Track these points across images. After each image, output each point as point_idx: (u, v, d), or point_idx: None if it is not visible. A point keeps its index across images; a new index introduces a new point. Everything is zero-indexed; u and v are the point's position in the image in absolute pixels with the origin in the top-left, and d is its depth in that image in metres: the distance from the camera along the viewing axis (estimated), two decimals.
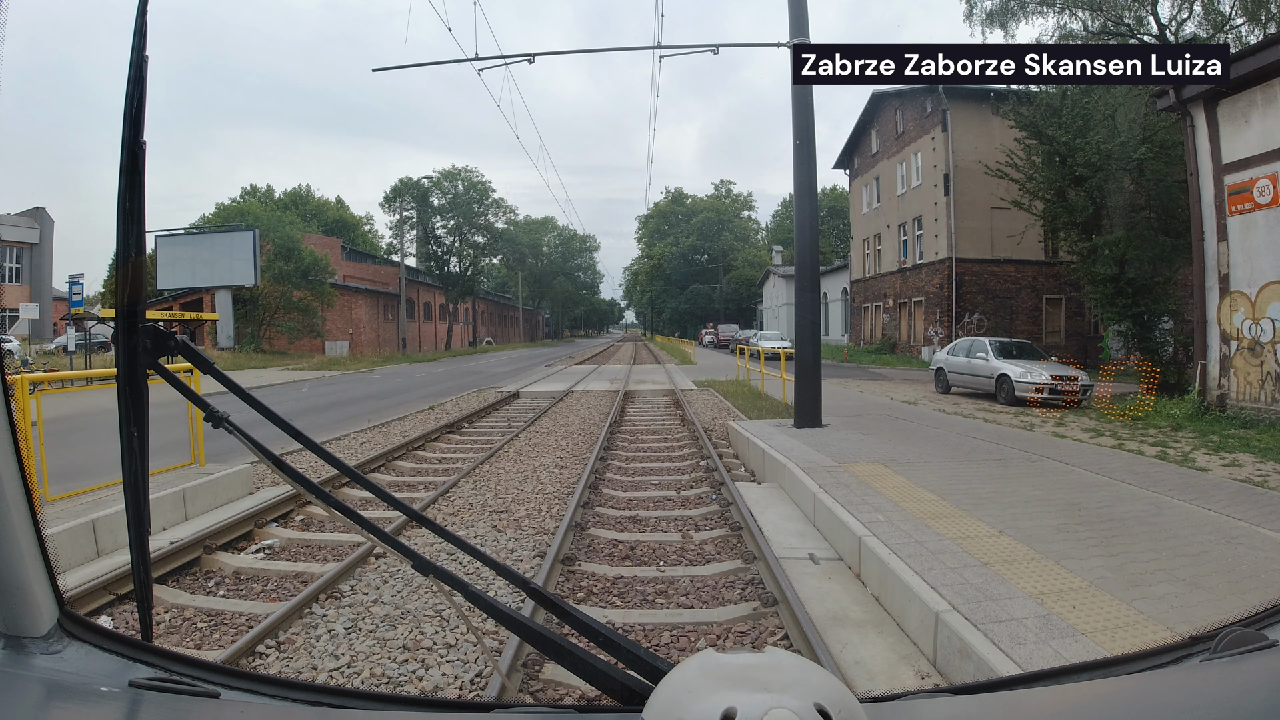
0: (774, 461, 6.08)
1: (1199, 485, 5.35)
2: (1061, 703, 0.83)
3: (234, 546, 4.81)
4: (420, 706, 1.11)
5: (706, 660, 0.62)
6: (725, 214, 75.90)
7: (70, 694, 0.73)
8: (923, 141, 27.71)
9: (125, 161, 0.72)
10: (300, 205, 66.71)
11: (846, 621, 3.16)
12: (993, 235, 26.23)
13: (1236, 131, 9.87)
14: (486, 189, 43.17)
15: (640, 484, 6.39)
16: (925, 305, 27.44)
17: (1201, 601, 2.93)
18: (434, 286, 47.27)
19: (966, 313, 25.83)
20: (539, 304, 79.25)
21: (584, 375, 20.52)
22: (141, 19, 0.72)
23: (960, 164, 26.06)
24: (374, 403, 13.93)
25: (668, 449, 8.15)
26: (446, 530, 0.94)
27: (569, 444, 8.49)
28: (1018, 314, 26.50)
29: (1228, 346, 9.90)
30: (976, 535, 3.75)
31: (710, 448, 7.63)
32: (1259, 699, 0.73)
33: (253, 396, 0.86)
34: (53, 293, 41.40)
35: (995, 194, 26.16)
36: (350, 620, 3.34)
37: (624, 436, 9.10)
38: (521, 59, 8.50)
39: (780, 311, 45.11)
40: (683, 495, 5.90)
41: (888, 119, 31.02)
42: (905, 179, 29.34)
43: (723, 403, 12.40)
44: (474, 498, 5.79)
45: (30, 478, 0.75)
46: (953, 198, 25.83)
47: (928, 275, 27.31)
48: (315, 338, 34.73)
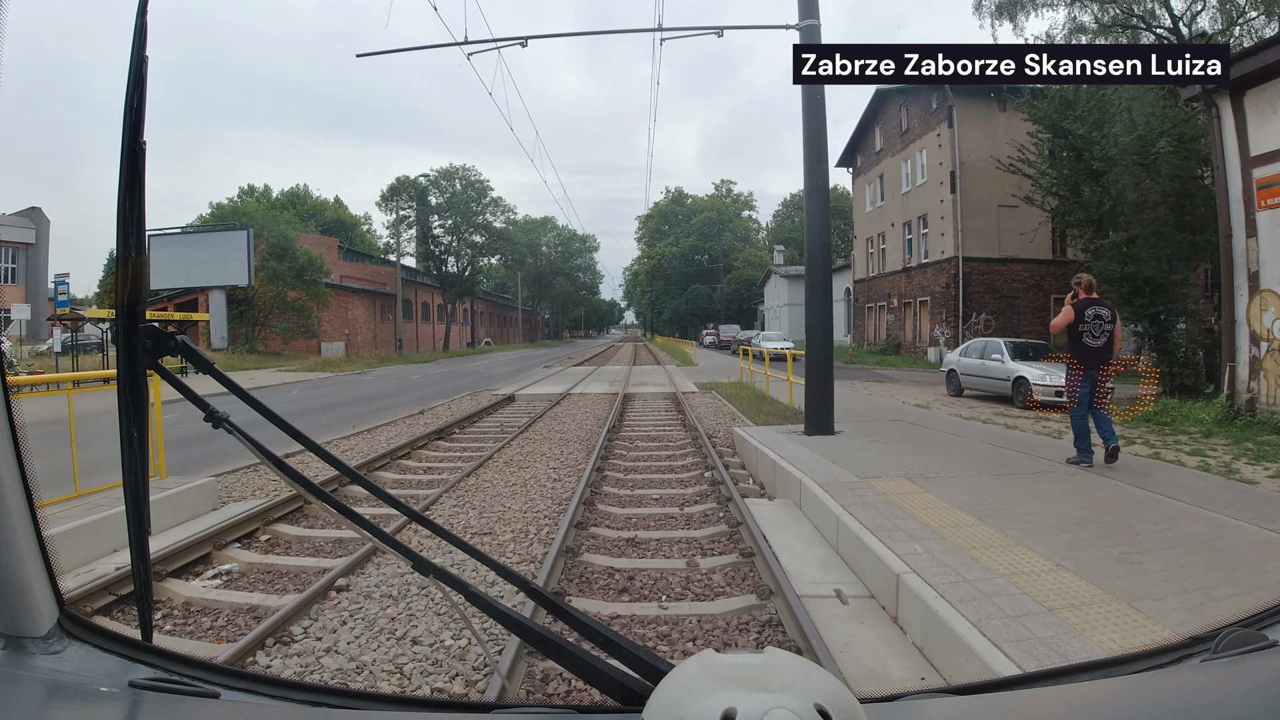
0: (787, 475, 5.57)
1: (1251, 501, 4.85)
2: (1061, 703, 0.82)
3: (189, 571, 4.33)
4: (420, 707, 1.09)
5: (706, 660, 0.62)
6: (726, 214, 75.40)
7: (70, 694, 0.72)
8: (928, 138, 27.20)
9: (125, 162, 0.72)
10: (298, 205, 66.30)
11: (888, 681, 2.65)
12: (1000, 234, 25.73)
13: (1264, 122, 9.36)
14: (484, 187, 42.61)
15: (640, 498, 5.88)
16: (931, 305, 26.91)
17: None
18: (432, 287, 46.75)
19: (973, 313, 25.32)
20: (538, 304, 78.65)
21: (583, 377, 20.00)
22: (141, 19, 0.72)
23: (966, 161, 25.56)
24: (364, 406, 13.41)
25: (669, 458, 7.64)
26: (446, 530, 0.94)
27: (563, 452, 7.97)
28: (1024, 314, 25.98)
29: (1257, 348, 9.39)
30: (1031, 570, 3.23)
31: (715, 457, 7.12)
32: (1259, 699, 0.73)
33: (253, 397, 0.85)
34: (48, 293, 41.12)
35: (1003, 191, 25.66)
36: (297, 673, 2.83)
37: (623, 444, 8.59)
38: (514, 42, 7.98)
39: (782, 312, 44.58)
40: (686, 513, 5.39)
41: (892, 116, 30.51)
42: (910, 176, 28.82)
43: (726, 406, 11.88)
44: (455, 516, 5.27)
45: (29, 478, 0.75)
46: (959, 195, 25.32)
47: (933, 274, 26.80)
48: (311, 338, 34.18)
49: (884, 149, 31.39)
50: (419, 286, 47.46)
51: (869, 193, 33.27)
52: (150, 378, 0.82)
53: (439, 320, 48.59)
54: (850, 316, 36.42)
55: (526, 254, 48.77)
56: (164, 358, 0.78)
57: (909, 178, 28.95)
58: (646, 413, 11.80)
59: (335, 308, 38.32)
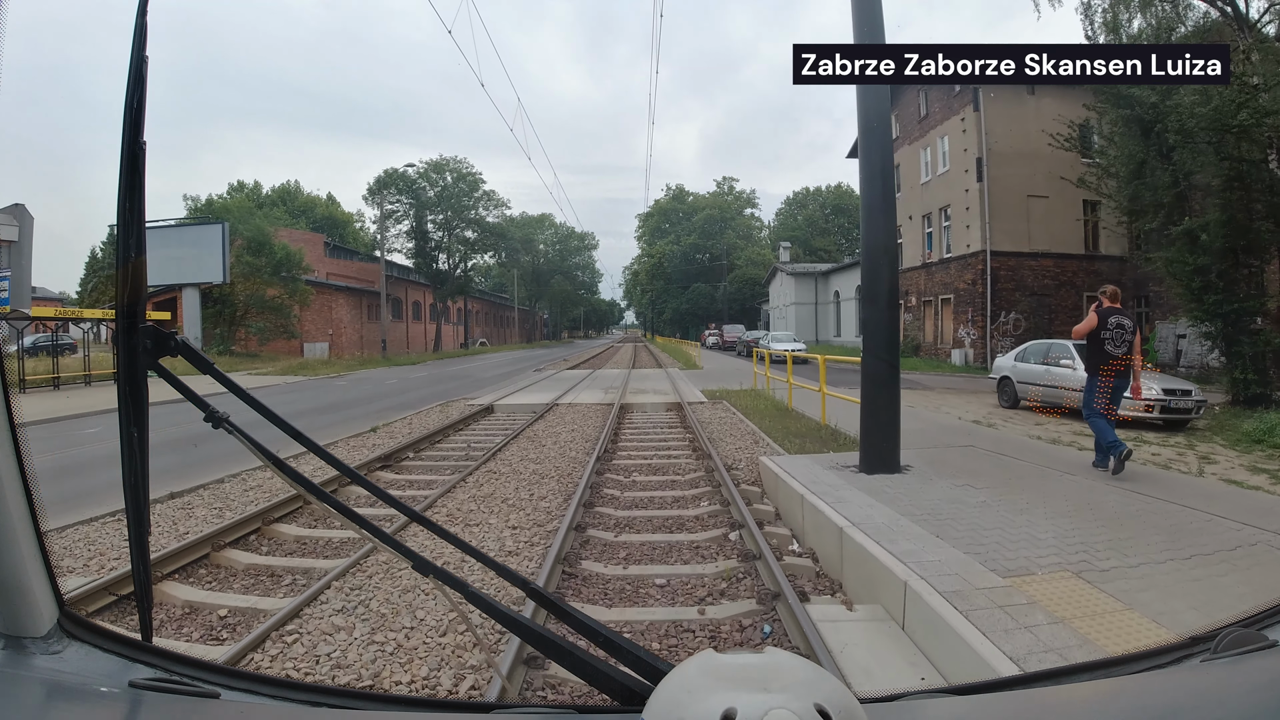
0: (867, 558, 3.53)
1: None
2: (1061, 703, 0.81)
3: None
4: (420, 707, 1.02)
5: (706, 660, 0.61)
6: (728, 211, 73.32)
7: (70, 694, 0.73)
8: (950, 123, 25.17)
9: (125, 162, 0.72)
10: (289, 201, 64.53)
11: None
12: (1030, 226, 23.71)
13: None
14: (477, 180, 40.31)
15: (636, 587, 3.85)
16: (955, 303, 24.84)
17: None
18: (424, 285, 44.66)
19: (1002, 311, 23.27)
20: (535, 304, 76.41)
21: (576, 382, 17.95)
22: (141, 19, 0.72)
23: (994, 148, 23.50)
24: (317, 418, 11.38)
25: (679, 506, 5.60)
26: (446, 530, 0.94)
27: (534, 496, 5.93)
28: (1057, 312, 23.94)
29: None
30: None
31: (743, 508, 5.09)
32: (1259, 699, 0.73)
33: (253, 397, 0.84)
34: (32, 291, 39.99)
35: (1033, 179, 23.66)
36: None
37: (615, 479, 6.55)
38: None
39: (789, 311, 42.50)
40: (711, 620, 3.37)
41: (909, 101, 28.45)
42: (930, 165, 26.79)
43: (744, 422, 9.84)
44: (326, 646, 3.22)
45: (29, 478, 0.74)
46: (986, 184, 23.26)
47: (957, 270, 24.74)
48: (290, 339, 32.10)
49: (900, 137, 29.32)
50: (410, 285, 45.34)
51: None
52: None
53: (431, 320, 46.48)
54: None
55: (521, 250, 46.36)
56: (164, 358, 0.78)
57: (929, 166, 26.92)
58: (647, 430, 9.77)
59: (318, 307, 36.25)
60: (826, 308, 40.01)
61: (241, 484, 6.26)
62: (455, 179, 39.75)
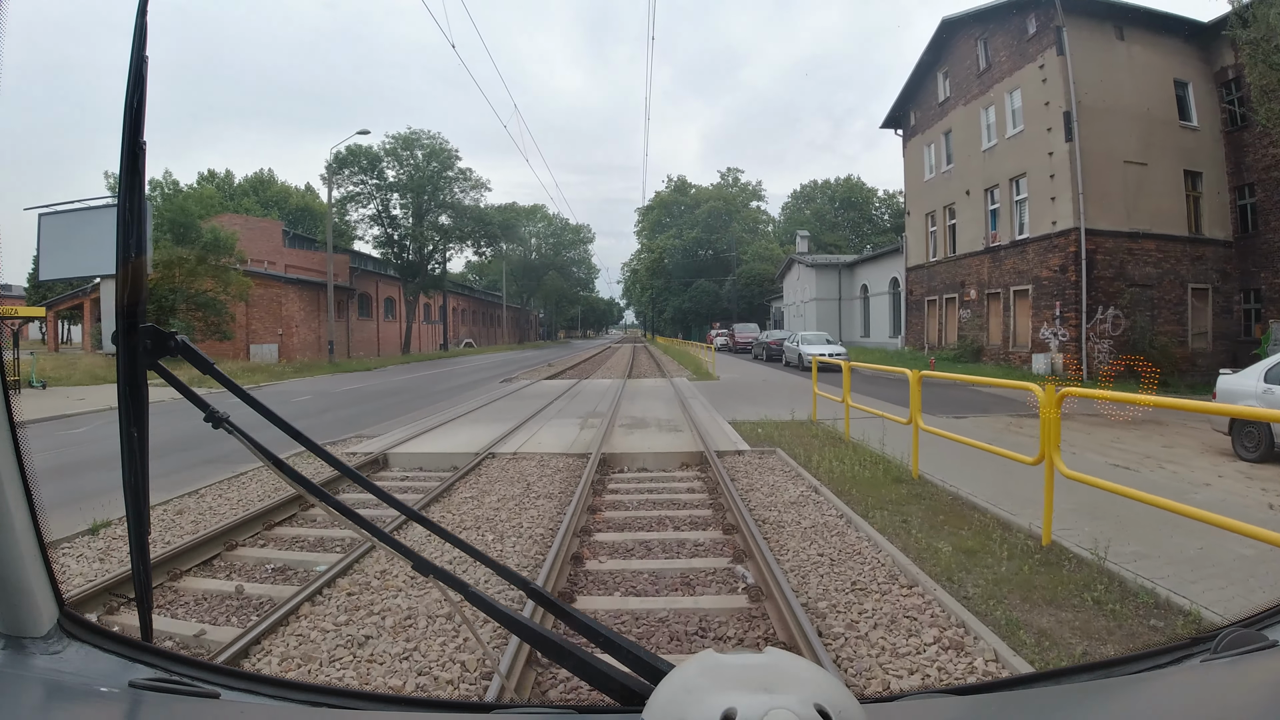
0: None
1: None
2: (1061, 703, 0.79)
3: None
4: (420, 707, 1.04)
5: (706, 660, 0.61)
6: (733, 204, 68.26)
7: (70, 694, 0.72)
8: (1024, 73, 20.21)
9: (125, 162, 0.72)
10: (261, 191, 59.70)
11: None
12: (1126, 200, 18.75)
13: None
14: (451, 156, 35.07)
15: None
16: (1034, 296, 19.83)
17: None
18: (394, 279, 39.68)
19: (1099, 306, 18.30)
20: (528, 301, 71.27)
21: (548, 401, 12.92)
22: (141, 19, 0.72)
23: (1083, 100, 18.53)
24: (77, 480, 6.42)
25: None
26: (445, 530, 0.93)
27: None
28: (1159, 309, 19.01)
29: None
30: None
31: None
32: (1259, 699, 0.72)
33: (253, 398, 0.83)
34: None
35: (1129, 141, 18.73)
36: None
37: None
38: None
39: (808, 308, 37.47)
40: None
41: (964, 53, 23.51)
42: (995, 127, 21.82)
43: (847, 516, 4.88)
44: None
45: (29, 478, 0.73)
46: (1078, 144, 18.29)
47: (1037, 254, 19.74)
48: (222, 340, 27.08)
49: (952, 97, 24.39)
50: (381, 279, 40.34)
51: (929, 156, 26.22)
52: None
53: (407, 319, 41.51)
54: (899, 313, 29.37)
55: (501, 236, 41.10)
56: (163, 358, 0.77)
57: (993, 129, 21.96)
58: (644, 541, 4.79)
59: (265, 303, 31.23)
60: (852, 304, 35.00)
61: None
62: (426, 156, 34.56)
